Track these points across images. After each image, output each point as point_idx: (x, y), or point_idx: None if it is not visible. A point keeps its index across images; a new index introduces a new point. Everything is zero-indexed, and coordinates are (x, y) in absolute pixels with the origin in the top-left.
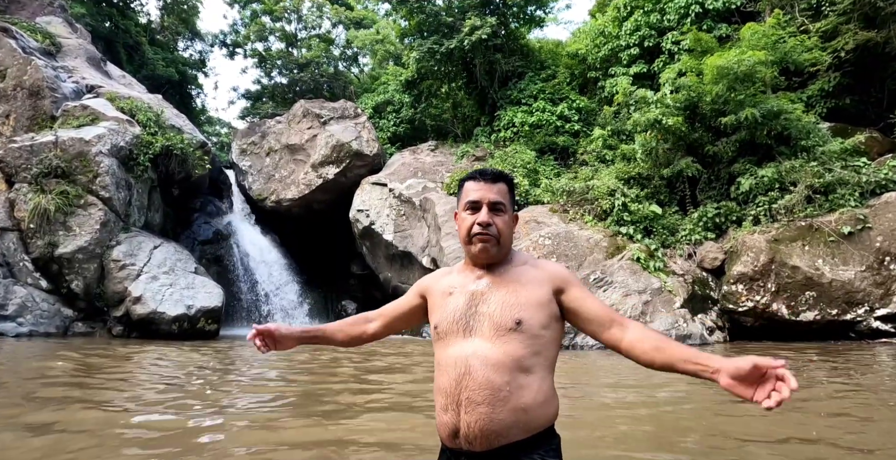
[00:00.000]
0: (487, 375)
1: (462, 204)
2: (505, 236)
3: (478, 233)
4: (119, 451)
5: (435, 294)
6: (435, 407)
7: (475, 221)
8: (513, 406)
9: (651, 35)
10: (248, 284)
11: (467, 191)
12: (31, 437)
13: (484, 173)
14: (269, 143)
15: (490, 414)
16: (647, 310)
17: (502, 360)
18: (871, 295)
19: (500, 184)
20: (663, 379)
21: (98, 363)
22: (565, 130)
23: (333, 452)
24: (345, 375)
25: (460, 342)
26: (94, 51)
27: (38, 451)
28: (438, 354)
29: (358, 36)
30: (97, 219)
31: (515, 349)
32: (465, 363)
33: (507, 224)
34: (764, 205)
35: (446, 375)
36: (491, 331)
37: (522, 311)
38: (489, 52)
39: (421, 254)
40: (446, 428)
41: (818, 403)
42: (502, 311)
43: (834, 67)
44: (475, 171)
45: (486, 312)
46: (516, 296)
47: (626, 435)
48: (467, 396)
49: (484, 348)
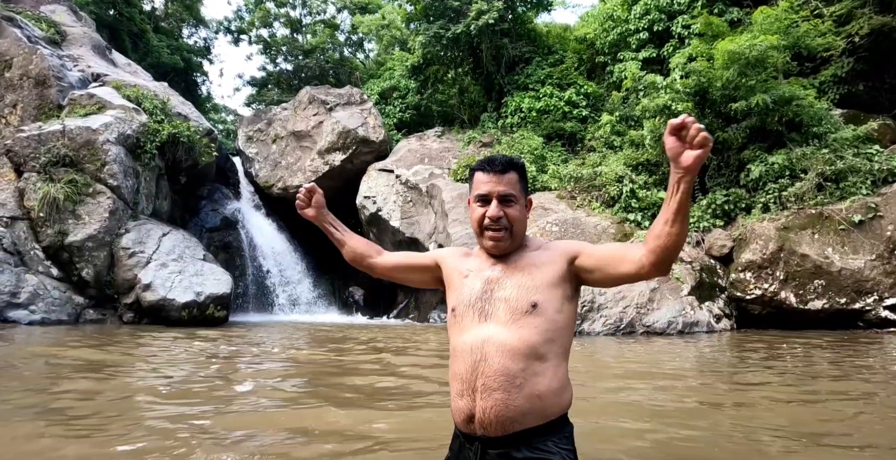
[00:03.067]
0: (503, 362)
1: (472, 194)
2: (517, 225)
3: (488, 227)
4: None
5: (451, 271)
6: (450, 392)
7: (485, 214)
8: (528, 392)
9: (661, 19)
10: (255, 271)
11: (477, 183)
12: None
13: (493, 163)
14: (276, 130)
15: (506, 400)
16: (655, 297)
17: (518, 347)
18: (880, 284)
19: (509, 174)
20: (671, 371)
21: (112, 350)
22: (573, 116)
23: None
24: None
25: (475, 327)
26: (98, 39)
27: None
28: (454, 340)
29: (363, 21)
30: (106, 207)
31: (531, 335)
32: (480, 349)
33: (520, 213)
34: (774, 193)
35: (462, 361)
36: (507, 315)
37: (538, 293)
38: (496, 36)
39: (428, 240)
40: (461, 414)
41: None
42: (518, 294)
43: (847, 53)
44: (484, 160)
45: (502, 296)
46: (532, 279)
47: (636, 425)
48: (483, 382)
49: (499, 334)
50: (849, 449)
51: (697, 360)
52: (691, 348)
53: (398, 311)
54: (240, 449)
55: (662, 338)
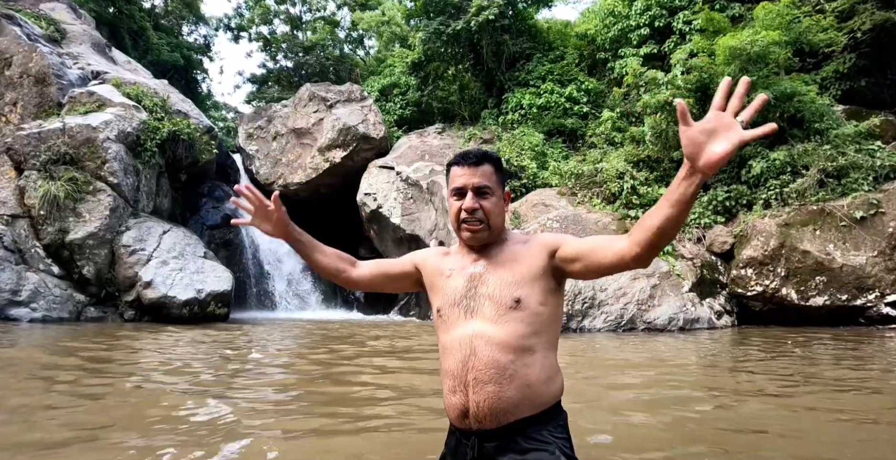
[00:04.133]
0: (493, 354)
1: (449, 189)
2: (494, 218)
3: (465, 220)
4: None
5: (431, 272)
6: (443, 390)
7: (461, 207)
8: (519, 383)
9: (662, 15)
10: (256, 268)
11: (453, 177)
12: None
13: (467, 156)
14: (276, 128)
15: (498, 392)
16: (656, 294)
17: (505, 340)
18: (882, 280)
19: (483, 166)
20: (670, 363)
21: (118, 346)
22: (574, 112)
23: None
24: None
25: (462, 324)
26: (98, 37)
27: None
28: (442, 338)
29: (363, 18)
30: (106, 204)
31: (516, 328)
32: (469, 344)
33: (496, 205)
34: (775, 189)
35: (452, 358)
36: (492, 311)
37: (520, 289)
38: (496, 33)
39: (428, 237)
40: (455, 410)
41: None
42: (501, 291)
43: (849, 48)
44: (459, 155)
45: (486, 293)
46: (513, 274)
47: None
48: (474, 376)
49: (486, 329)
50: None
51: (697, 354)
52: (691, 344)
53: (399, 308)
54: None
55: (663, 335)
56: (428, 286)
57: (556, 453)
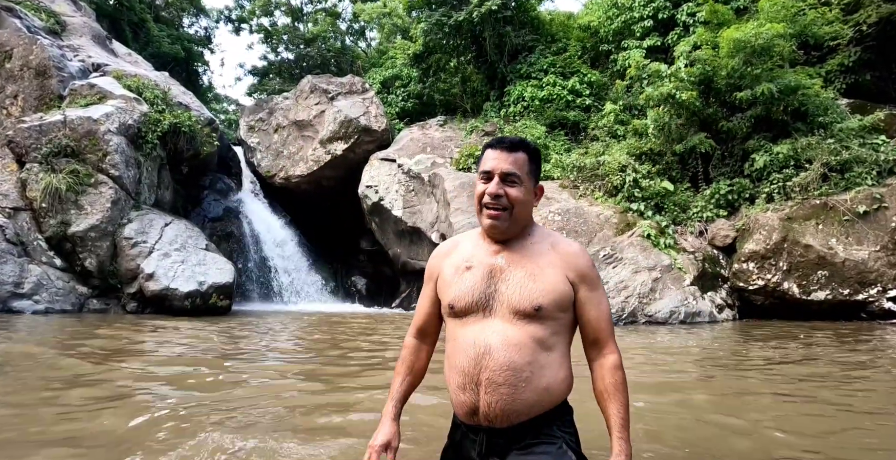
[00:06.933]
0: (509, 356)
1: (479, 171)
2: (519, 207)
3: (486, 204)
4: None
5: (446, 270)
6: (448, 382)
7: (485, 191)
8: (535, 386)
9: (666, 7)
10: (258, 260)
11: (485, 159)
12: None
13: (502, 141)
14: (277, 120)
15: (512, 394)
16: (657, 287)
17: (524, 341)
18: (884, 275)
19: (517, 154)
20: (669, 354)
21: (122, 337)
22: (576, 105)
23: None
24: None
25: (478, 321)
26: (98, 29)
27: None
28: (453, 331)
29: (365, 9)
30: (108, 197)
31: (536, 330)
32: (484, 342)
33: (523, 195)
34: (778, 183)
35: (463, 354)
36: (511, 314)
37: (542, 298)
38: (498, 24)
39: (430, 229)
40: (464, 407)
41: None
42: (521, 297)
43: (855, 42)
44: (496, 138)
45: (506, 294)
46: (534, 282)
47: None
48: (488, 377)
49: (505, 329)
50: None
51: (698, 346)
52: (692, 337)
53: (400, 301)
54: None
55: (664, 328)
56: (440, 287)
57: (563, 447)
